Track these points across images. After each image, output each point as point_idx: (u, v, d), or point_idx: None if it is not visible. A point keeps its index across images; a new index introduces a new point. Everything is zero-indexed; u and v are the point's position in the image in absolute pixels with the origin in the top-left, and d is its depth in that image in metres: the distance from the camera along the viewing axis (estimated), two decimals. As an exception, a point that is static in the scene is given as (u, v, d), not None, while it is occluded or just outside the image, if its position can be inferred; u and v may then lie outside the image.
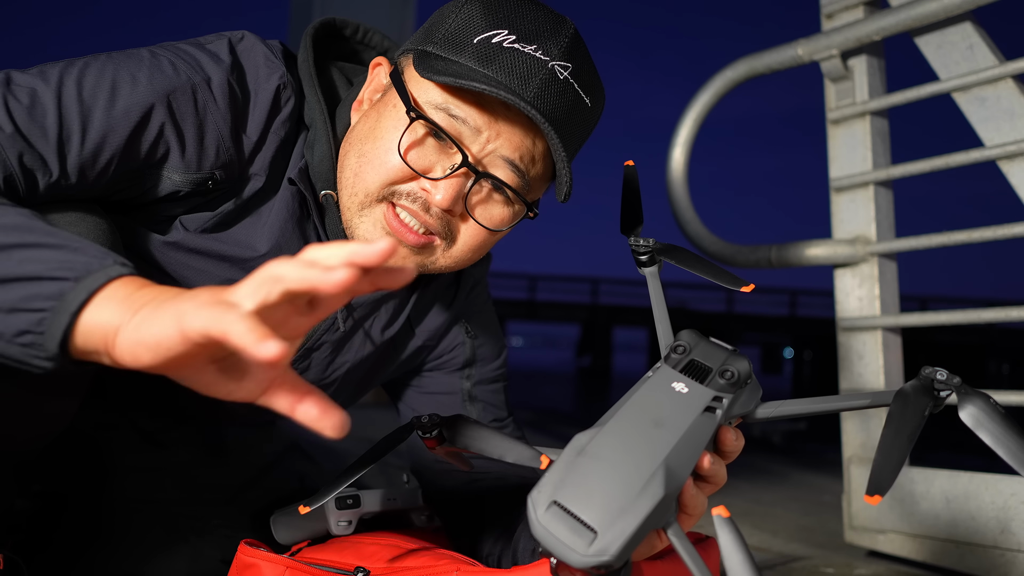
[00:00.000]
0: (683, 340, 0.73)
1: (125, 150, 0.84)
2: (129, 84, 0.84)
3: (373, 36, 1.07)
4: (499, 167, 0.88)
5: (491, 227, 0.91)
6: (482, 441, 0.74)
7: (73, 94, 0.81)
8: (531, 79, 0.84)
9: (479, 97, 0.86)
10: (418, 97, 0.88)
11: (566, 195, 0.90)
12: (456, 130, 0.87)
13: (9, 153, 0.77)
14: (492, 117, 0.87)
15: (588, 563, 0.60)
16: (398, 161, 0.87)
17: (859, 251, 1.79)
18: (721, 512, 0.62)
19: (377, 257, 0.54)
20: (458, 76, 0.83)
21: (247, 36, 0.94)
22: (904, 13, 1.65)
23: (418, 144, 0.87)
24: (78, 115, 0.81)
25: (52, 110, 0.80)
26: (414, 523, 1.14)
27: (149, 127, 0.85)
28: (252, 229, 0.93)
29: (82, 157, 0.82)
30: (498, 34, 0.86)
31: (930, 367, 0.68)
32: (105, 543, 1.06)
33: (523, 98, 0.83)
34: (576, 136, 0.90)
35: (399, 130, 0.87)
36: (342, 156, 0.93)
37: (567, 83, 0.86)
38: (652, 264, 0.86)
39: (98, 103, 0.82)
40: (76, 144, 0.81)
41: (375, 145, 0.89)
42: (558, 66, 0.86)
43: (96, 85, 0.83)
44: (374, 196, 0.89)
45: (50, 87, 0.81)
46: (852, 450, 1.80)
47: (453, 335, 1.14)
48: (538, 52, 0.85)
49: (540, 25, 0.87)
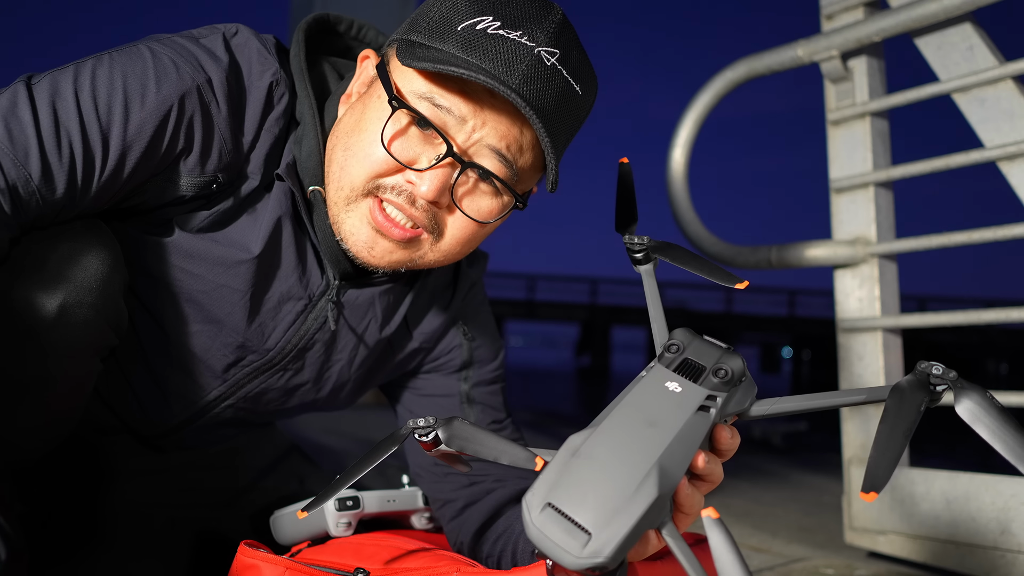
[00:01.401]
0: (677, 339, 0.73)
1: (141, 163, 0.85)
2: (139, 96, 0.84)
3: (368, 32, 1.06)
4: (485, 157, 0.87)
5: (479, 219, 0.90)
6: (477, 443, 0.74)
7: (92, 112, 0.81)
8: (516, 65, 0.82)
9: (464, 85, 0.84)
10: (402, 87, 0.87)
11: (552, 183, 0.88)
12: (441, 120, 0.85)
13: (43, 192, 0.79)
14: (477, 106, 0.85)
15: (583, 565, 0.59)
16: (382, 153, 0.86)
17: (859, 252, 1.79)
18: (710, 513, 0.62)
19: None
20: (439, 62, 0.81)
21: (241, 30, 0.93)
22: (904, 14, 1.65)
23: (402, 134, 0.86)
24: (100, 141, 0.82)
25: (77, 139, 0.80)
26: (414, 524, 1.14)
27: (164, 137, 0.85)
28: (247, 229, 0.93)
29: (102, 181, 0.83)
30: (482, 20, 0.84)
31: (926, 362, 0.67)
32: (104, 546, 1.06)
33: (507, 85, 0.81)
34: (566, 124, 0.88)
35: (383, 121, 0.86)
36: (329, 150, 0.92)
37: (554, 69, 0.85)
38: (647, 262, 0.85)
39: (115, 121, 0.82)
40: (99, 171, 0.82)
41: (360, 137, 0.88)
42: (545, 52, 0.84)
43: (110, 99, 0.82)
44: (359, 190, 0.88)
45: (69, 109, 0.80)
46: (852, 451, 1.80)
47: (450, 337, 1.13)
48: (524, 38, 0.84)
49: (526, 11, 0.85)
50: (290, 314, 0.98)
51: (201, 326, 0.96)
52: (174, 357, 0.99)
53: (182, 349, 0.98)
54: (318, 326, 1.00)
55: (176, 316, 0.96)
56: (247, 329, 0.97)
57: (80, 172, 0.81)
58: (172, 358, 0.99)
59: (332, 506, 1.02)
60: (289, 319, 0.98)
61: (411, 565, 0.93)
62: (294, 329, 0.99)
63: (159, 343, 0.98)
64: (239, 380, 1.02)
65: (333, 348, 1.04)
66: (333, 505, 1.02)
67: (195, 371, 1.00)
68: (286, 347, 1.00)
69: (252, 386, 1.03)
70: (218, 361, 0.99)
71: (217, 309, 0.95)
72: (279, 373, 1.02)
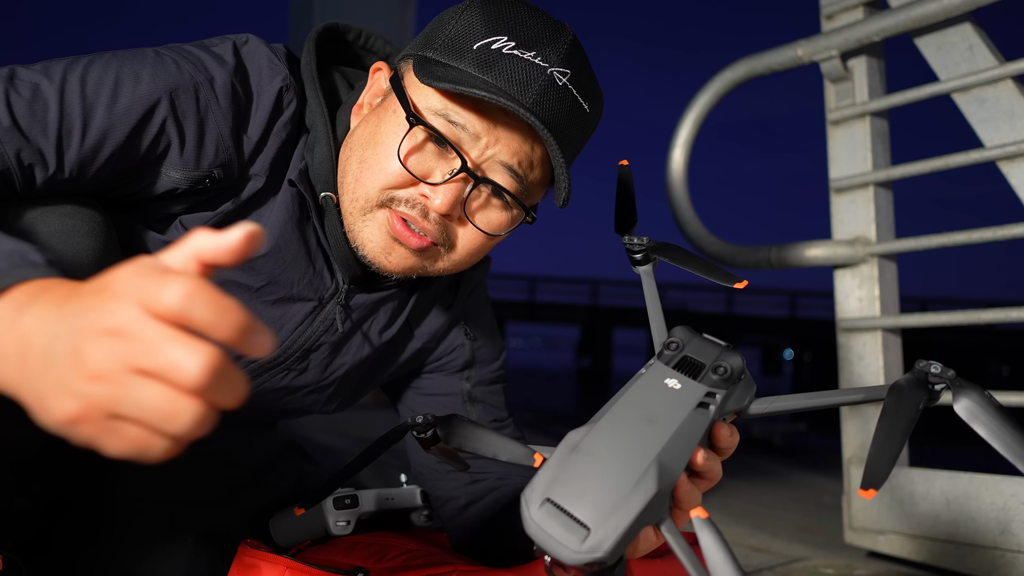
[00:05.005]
0: (676, 336, 0.73)
1: (125, 147, 0.85)
2: (132, 81, 0.84)
3: (375, 41, 1.08)
4: (498, 172, 0.89)
5: (490, 232, 0.92)
6: (476, 440, 0.74)
7: (76, 90, 0.82)
8: (530, 85, 0.85)
9: (478, 103, 0.87)
10: (418, 103, 0.89)
11: (565, 200, 0.91)
12: (455, 136, 0.87)
13: (7, 147, 0.78)
14: (491, 123, 0.87)
15: (581, 560, 0.59)
16: (398, 166, 0.88)
17: (859, 252, 1.79)
18: (699, 514, 0.62)
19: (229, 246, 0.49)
20: (457, 82, 0.83)
21: (251, 39, 0.95)
22: (904, 14, 1.65)
23: (418, 150, 0.88)
24: (80, 111, 0.82)
25: (54, 105, 0.80)
26: (413, 522, 1.14)
27: (150, 124, 0.85)
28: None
29: (82, 153, 0.82)
30: (497, 40, 0.87)
31: (924, 360, 0.68)
32: (105, 543, 1.06)
33: (522, 104, 0.84)
34: (574, 141, 0.91)
35: (399, 135, 0.88)
36: (343, 161, 0.93)
37: (565, 89, 0.87)
38: (646, 262, 0.86)
39: (100, 99, 0.83)
40: (76, 140, 0.82)
41: (376, 151, 0.89)
42: (557, 72, 0.87)
43: (99, 82, 0.83)
44: (374, 202, 0.90)
45: (53, 83, 0.81)
46: (852, 451, 1.80)
47: (452, 337, 1.14)
48: (537, 59, 0.86)
49: (539, 32, 0.88)
50: (298, 315, 0.99)
51: None
52: None
53: None
54: (325, 328, 1.01)
55: None
56: None
57: (53, 135, 0.80)
58: None
59: (330, 505, 1.02)
60: (297, 320, 0.99)
61: (411, 564, 0.93)
62: (301, 330, 1.00)
63: None
64: None
65: (339, 351, 1.05)
66: (331, 504, 1.02)
67: None
68: (292, 347, 1.01)
69: (254, 384, 1.03)
70: None
71: None
72: (282, 373, 1.03)
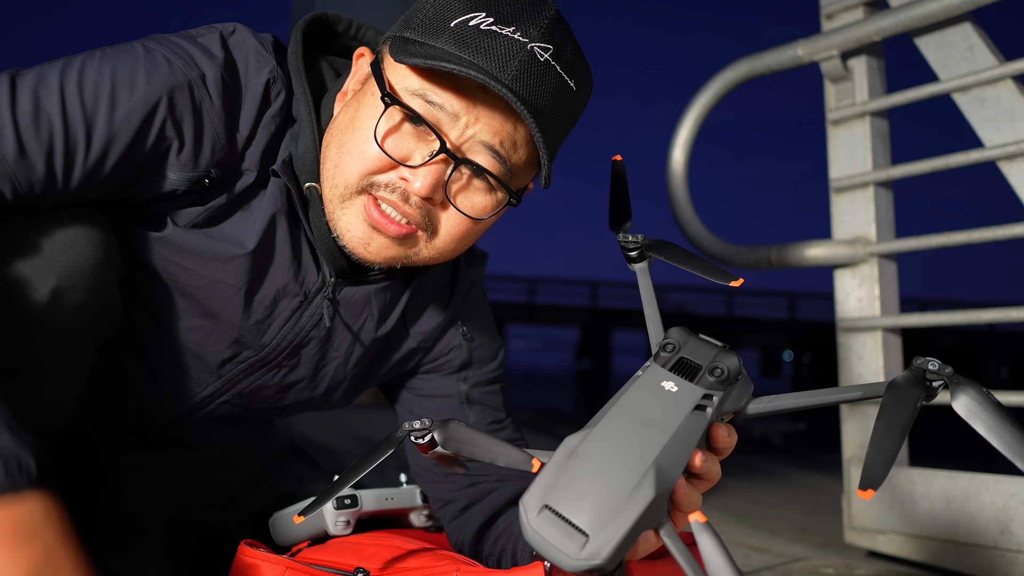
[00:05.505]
0: (672, 338, 0.73)
1: (127, 154, 0.84)
2: (128, 85, 0.84)
3: (367, 32, 1.06)
4: (479, 153, 0.87)
5: (473, 215, 0.90)
6: (473, 445, 0.73)
7: (75, 99, 0.81)
8: (509, 61, 0.82)
9: (457, 82, 0.84)
10: (396, 84, 0.87)
11: (546, 180, 0.88)
12: (434, 116, 0.85)
13: (18, 173, 0.78)
14: (470, 102, 0.85)
15: (580, 567, 0.59)
16: (376, 150, 0.86)
17: (859, 252, 1.79)
18: (698, 518, 0.62)
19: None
20: (429, 57, 0.81)
21: (238, 29, 0.94)
22: (904, 14, 1.65)
23: (395, 131, 0.86)
24: (82, 124, 0.81)
25: (58, 122, 0.80)
26: (413, 523, 1.14)
27: (151, 128, 0.85)
28: (242, 224, 0.93)
29: (87, 168, 0.82)
30: (475, 16, 0.84)
31: (922, 357, 0.67)
32: (104, 545, 1.06)
33: (500, 81, 0.81)
34: (560, 120, 0.88)
35: (376, 118, 0.86)
36: (324, 147, 0.92)
37: (548, 65, 0.84)
38: (642, 260, 0.85)
39: (100, 109, 0.82)
40: (81, 156, 0.81)
41: (354, 135, 0.88)
42: (538, 48, 0.84)
43: (97, 89, 0.82)
44: (354, 188, 0.88)
45: (52, 95, 0.80)
46: (852, 450, 1.80)
47: (449, 337, 1.13)
48: (516, 34, 0.83)
49: (519, 7, 0.85)
50: (286, 310, 0.98)
51: (197, 321, 0.96)
52: (170, 352, 0.99)
53: (178, 344, 0.98)
54: (313, 323, 1.00)
55: (172, 311, 0.96)
56: (243, 325, 0.97)
57: (60, 157, 0.80)
58: (168, 353, 0.99)
59: (330, 504, 1.02)
60: (285, 315, 0.99)
61: (411, 565, 0.93)
62: (289, 326, 0.99)
63: (155, 338, 0.98)
64: (234, 376, 1.02)
65: (329, 345, 1.04)
66: (331, 504, 1.02)
67: (190, 366, 1.00)
68: (281, 343, 1.00)
69: (247, 383, 1.03)
70: (213, 356, 0.99)
71: (212, 304, 0.95)
72: (274, 370, 1.03)
